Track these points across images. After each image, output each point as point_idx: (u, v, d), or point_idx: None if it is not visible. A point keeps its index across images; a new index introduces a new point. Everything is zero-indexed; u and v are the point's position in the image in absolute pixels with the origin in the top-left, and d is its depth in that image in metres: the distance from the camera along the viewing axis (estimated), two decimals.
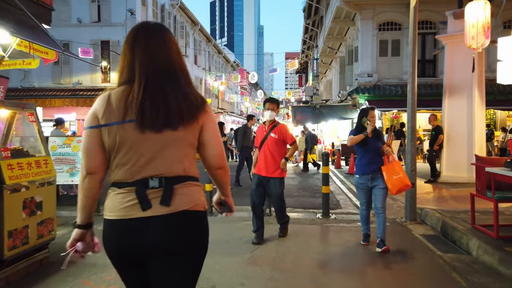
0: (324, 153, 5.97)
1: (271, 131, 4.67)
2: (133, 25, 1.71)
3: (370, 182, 4.37)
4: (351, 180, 10.86)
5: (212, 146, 1.62)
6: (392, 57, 19.10)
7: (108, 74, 20.24)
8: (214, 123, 1.66)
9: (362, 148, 4.40)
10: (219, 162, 1.66)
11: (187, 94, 1.56)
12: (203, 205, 1.60)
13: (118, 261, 1.55)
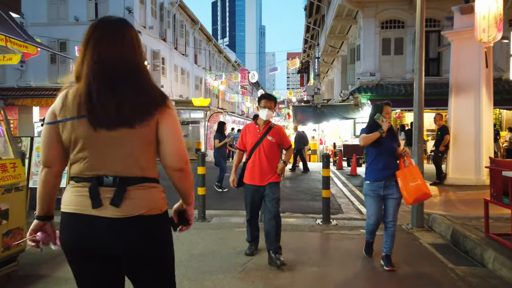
0: (324, 154, 5.58)
1: (268, 133, 3.96)
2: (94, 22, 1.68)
3: (382, 190, 3.76)
4: (353, 182, 10.46)
5: (169, 144, 1.54)
6: (395, 55, 18.69)
7: None
8: (174, 120, 1.56)
9: (375, 149, 3.78)
10: (177, 163, 1.55)
11: (142, 90, 1.51)
12: (160, 208, 1.54)
13: (71, 254, 1.51)
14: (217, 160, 9.35)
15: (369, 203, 3.90)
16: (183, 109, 20.39)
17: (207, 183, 9.68)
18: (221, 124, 9.60)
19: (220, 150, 9.38)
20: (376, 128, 3.73)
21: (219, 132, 9.32)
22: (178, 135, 1.56)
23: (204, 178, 5.57)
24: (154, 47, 22.13)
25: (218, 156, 9.32)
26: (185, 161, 1.57)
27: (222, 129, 9.45)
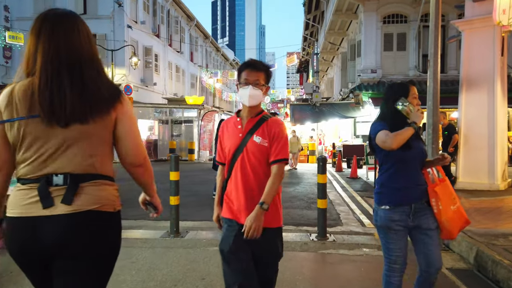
0: (319, 157, 4.71)
1: (256, 131, 2.21)
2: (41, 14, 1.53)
3: (411, 219, 2.36)
4: (354, 186, 9.59)
5: (127, 141, 1.53)
6: (398, 51, 17.83)
7: None
8: (131, 116, 1.55)
9: (399, 155, 2.32)
10: (135, 159, 1.57)
11: (96, 85, 1.47)
12: (112, 205, 1.51)
13: (20, 261, 1.46)
14: None
15: (389, 240, 2.40)
16: (176, 108, 19.52)
17: (187, 188, 9.13)
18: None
19: None
20: (400, 121, 2.30)
21: None
22: (135, 132, 1.56)
23: (177, 185, 4.71)
24: (146, 43, 21.26)
25: None
26: (144, 157, 1.59)
27: None
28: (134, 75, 19.85)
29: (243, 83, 2.23)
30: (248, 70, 2.24)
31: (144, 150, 1.60)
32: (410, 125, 2.25)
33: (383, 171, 2.46)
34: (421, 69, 17.55)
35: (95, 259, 1.45)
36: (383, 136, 2.28)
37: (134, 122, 1.57)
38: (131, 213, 5.12)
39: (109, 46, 18.28)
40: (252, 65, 2.26)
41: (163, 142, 19.31)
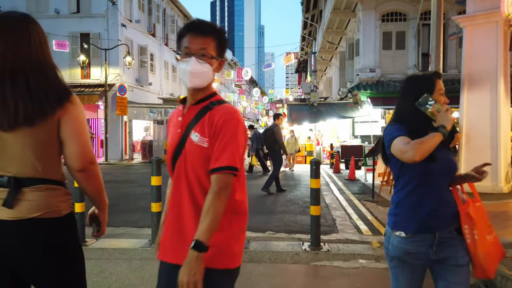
0: (312, 160, 4.36)
1: (196, 125, 1.51)
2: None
3: (434, 252, 1.77)
4: (352, 188, 9.25)
5: (70, 144, 1.47)
6: (397, 50, 17.50)
7: (88, 70, 18.69)
8: (77, 118, 1.47)
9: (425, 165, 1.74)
10: (79, 163, 1.48)
11: (41, 90, 1.43)
12: (58, 211, 1.47)
13: None
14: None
15: (402, 277, 1.85)
16: (171, 108, 19.17)
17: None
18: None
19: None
20: (424, 124, 1.78)
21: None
22: (80, 134, 1.49)
23: (159, 190, 4.36)
24: (141, 42, 20.92)
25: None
26: (89, 162, 1.51)
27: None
28: (128, 74, 19.51)
29: (183, 54, 1.53)
30: (191, 35, 1.51)
31: (90, 156, 1.51)
32: (437, 130, 1.70)
33: (399, 187, 1.89)
34: (421, 68, 17.21)
35: (42, 269, 1.44)
36: (401, 145, 1.71)
37: (80, 124, 1.49)
38: (112, 219, 4.76)
39: (102, 45, 17.95)
40: (196, 28, 1.52)
41: (158, 143, 18.96)
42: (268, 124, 59.08)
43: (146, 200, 7.40)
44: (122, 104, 17.94)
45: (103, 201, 1.61)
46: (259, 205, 7.12)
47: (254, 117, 59.53)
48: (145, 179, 11.02)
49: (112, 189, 8.71)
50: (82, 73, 18.70)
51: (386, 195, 8.10)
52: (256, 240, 4.62)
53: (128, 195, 8.43)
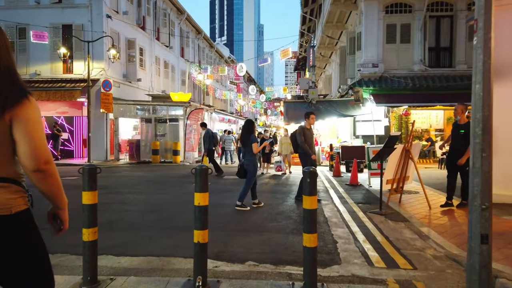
0: (306, 171, 3.13)
1: None
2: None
3: None
4: (355, 195, 8.05)
5: (23, 143, 1.47)
6: (401, 44, 16.32)
7: (71, 64, 17.43)
8: (29, 118, 1.48)
9: None
10: (32, 163, 1.48)
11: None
12: (8, 208, 1.48)
13: None
14: (248, 169, 6.92)
15: None
16: (160, 105, 17.95)
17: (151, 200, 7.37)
18: (250, 123, 7.26)
19: (255, 157, 7.07)
20: None
21: (251, 133, 7.06)
22: (33, 134, 1.48)
23: (93, 211, 3.14)
24: (129, 35, 19.67)
25: (250, 165, 6.92)
26: (44, 161, 1.50)
27: (253, 130, 7.16)
28: (115, 69, 18.26)
29: None
30: None
31: (45, 155, 1.50)
32: None
33: None
34: (427, 63, 16.03)
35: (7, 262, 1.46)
36: None
37: (34, 124, 1.48)
38: (52, 242, 3.54)
39: (86, 37, 16.71)
40: None
41: (146, 142, 17.75)
42: (267, 124, 57.86)
43: (110, 212, 6.23)
44: (106, 100, 16.71)
45: (62, 201, 1.62)
46: (244, 220, 5.91)
47: (252, 116, 58.31)
48: (122, 185, 9.79)
49: (72, 198, 7.52)
50: (64, 67, 17.45)
51: (395, 206, 6.91)
52: (230, 277, 3.41)
53: None
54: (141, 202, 7.38)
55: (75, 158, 18.30)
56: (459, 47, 16.03)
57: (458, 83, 15.53)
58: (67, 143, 18.46)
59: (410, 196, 7.93)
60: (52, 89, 16.23)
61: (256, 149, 6.92)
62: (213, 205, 6.64)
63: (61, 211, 1.62)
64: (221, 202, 7.22)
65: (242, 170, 7.06)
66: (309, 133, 7.49)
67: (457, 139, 6.62)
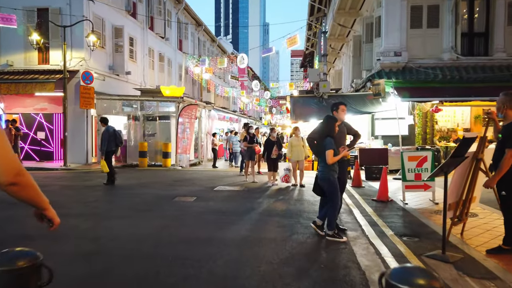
0: None
1: None
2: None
3: None
4: (391, 219, 5.78)
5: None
6: (428, 29, 13.97)
7: (46, 53, 15.27)
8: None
9: None
10: (2, 178, 1.39)
11: None
12: None
13: None
14: (323, 187, 4.82)
15: None
16: (149, 100, 15.74)
17: (105, 224, 5.30)
18: (331, 121, 5.04)
19: (331, 168, 4.99)
20: None
21: (328, 135, 5.12)
22: (3, 147, 1.39)
23: None
24: (116, 22, 17.47)
25: (325, 180, 4.87)
26: (15, 173, 1.42)
27: (333, 129, 4.99)
28: (99, 60, 16.09)
29: None
30: None
31: (14, 167, 1.42)
32: None
33: None
34: (460, 51, 13.66)
35: None
36: None
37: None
38: None
39: (64, 22, 14.54)
40: None
41: (134, 143, 15.57)
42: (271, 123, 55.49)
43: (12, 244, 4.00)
44: (87, 95, 14.54)
45: (42, 203, 1.58)
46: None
47: (256, 115, 56.00)
48: (76, 199, 7.52)
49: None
50: (40, 57, 15.30)
51: (458, 242, 4.63)
52: None
53: (14, 234, 4.98)
54: (80, 234, 5.07)
55: (55, 161, 16.13)
56: (497, 32, 13.64)
57: (497, 74, 13.16)
58: (46, 144, 16.31)
59: (468, 221, 5.61)
60: (22, 81, 14.07)
61: (331, 158, 4.78)
62: (202, 242, 4.62)
63: (45, 211, 1.60)
64: (211, 237, 4.96)
65: (318, 185, 5.02)
66: (340, 131, 5.23)
67: (497, 145, 4.27)
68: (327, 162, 4.78)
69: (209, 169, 14.93)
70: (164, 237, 4.78)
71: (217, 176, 12.09)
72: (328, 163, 4.78)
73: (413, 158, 7.39)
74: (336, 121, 5.00)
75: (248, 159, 11.11)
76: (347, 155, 5.04)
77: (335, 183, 4.83)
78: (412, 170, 7.36)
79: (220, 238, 4.80)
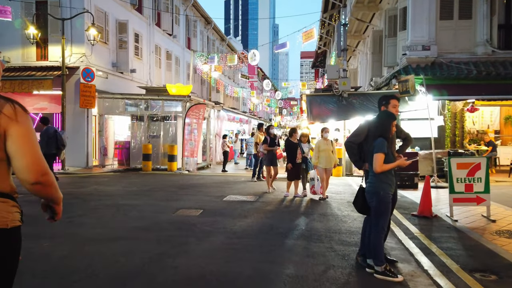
0: None
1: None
2: None
3: None
4: (446, 243, 4.62)
5: (19, 157, 1.47)
6: (460, 20, 12.65)
7: (46, 48, 14.30)
8: (24, 129, 1.49)
9: None
10: (30, 176, 1.48)
11: None
12: (5, 222, 1.50)
13: None
14: (370, 204, 3.59)
15: None
16: (154, 99, 14.65)
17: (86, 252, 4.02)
18: (389, 117, 3.85)
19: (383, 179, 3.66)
20: None
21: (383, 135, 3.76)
22: (29, 147, 1.49)
23: None
24: (120, 17, 16.45)
25: (374, 196, 3.62)
26: (41, 173, 1.50)
27: (390, 129, 3.80)
28: (101, 56, 15.08)
29: None
30: None
31: (42, 168, 1.51)
32: None
33: None
34: (496, 44, 12.30)
35: None
36: None
37: (28, 136, 1.50)
38: None
39: (64, 16, 13.55)
40: None
41: (138, 145, 14.49)
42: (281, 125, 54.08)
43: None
44: (87, 93, 13.52)
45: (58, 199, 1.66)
46: None
47: (266, 117, 54.75)
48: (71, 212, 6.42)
49: None
50: (38, 53, 14.32)
51: None
52: None
53: None
54: (50, 266, 3.81)
55: (55, 164, 15.13)
56: None
57: None
58: None
59: None
60: (18, 78, 13.09)
61: (380, 165, 3.56)
62: (207, 284, 3.28)
63: (56, 206, 1.67)
64: (219, 273, 3.77)
65: (363, 200, 3.78)
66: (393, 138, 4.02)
67: None
68: (374, 170, 3.57)
69: (218, 174, 13.78)
70: (158, 275, 3.60)
71: (227, 182, 10.93)
72: (375, 171, 3.56)
73: (463, 166, 6.13)
74: (394, 119, 3.78)
75: (269, 165, 9.36)
76: (403, 165, 3.81)
77: (386, 201, 3.62)
78: (461, 179, 6.10)
79: (232, 276, 3.61)
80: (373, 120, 3.99)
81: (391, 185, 3.65)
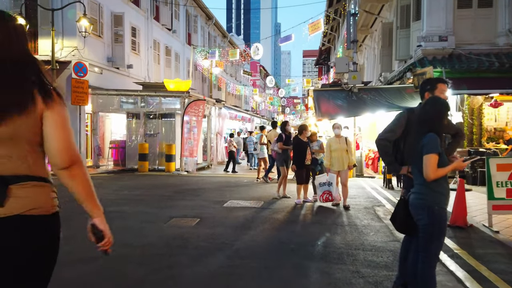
0: None
1: None
2: None
3: None
4: (497, 265, 3.60)
5: (52, 140, 1.44)
6: (480, 9, 11.73)
7: (35, 41, 13.45)
8: (59, 115, 1.45)
9: None
10: (62, 160, 1.45)
11: (14, 83, 1.38)
12: (46, 208, 1.45)
13: None
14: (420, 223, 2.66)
15: None
16: (151, 96, 13.77)
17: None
18: (443, 106, 2.94)
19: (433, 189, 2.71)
20: None
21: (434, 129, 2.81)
22: (62, 132, 1.46)
23: None
24: (116, 9, 15.58)
25: (424, 210, 2.63)
26: (73, 159, 1.47)
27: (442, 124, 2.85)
28: (95, 51, 14.22)
29: None
30: None
31: (73, 153, 1.48)
32: None
33: None
34: None
35: (27, 266, 1.39)
36: None
37: (63, 120, 1.47)
38: None
39: (54, 6, 12.70)
40: None
41: (134, 144, 13.64)
42: None
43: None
44: (80, 89, 12.66)
45: (95, 205, 1.54)
46: None
47: (269, 115, 53.78)
48: None
49: None
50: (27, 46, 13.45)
51: None
52: None
53: None
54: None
55: None
56: None
57: None
58: None
59: None
60: None
61: (433, 170, 2.63)
62: None
63: (98, 220, 1.52)
64: None
65: (406, 216, 2.87)
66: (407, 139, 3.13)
67: None
68: (426, 176, 2.61)
69: (219, 174, 12.90)
70: None
71: (228, 184, 10.05)
72: (428, 178, 2.63)
73: (504, 167, 5.22)
74: (449, 108, 2.85)
75: (283, 165, 8.19)
76: (461, 168, 2.89)
77: (441, 220, 2.69)
78: (503, 184, 5.19)
79: None
80: (417, 110, 3.08)
81: (447, 196, 2.73)
